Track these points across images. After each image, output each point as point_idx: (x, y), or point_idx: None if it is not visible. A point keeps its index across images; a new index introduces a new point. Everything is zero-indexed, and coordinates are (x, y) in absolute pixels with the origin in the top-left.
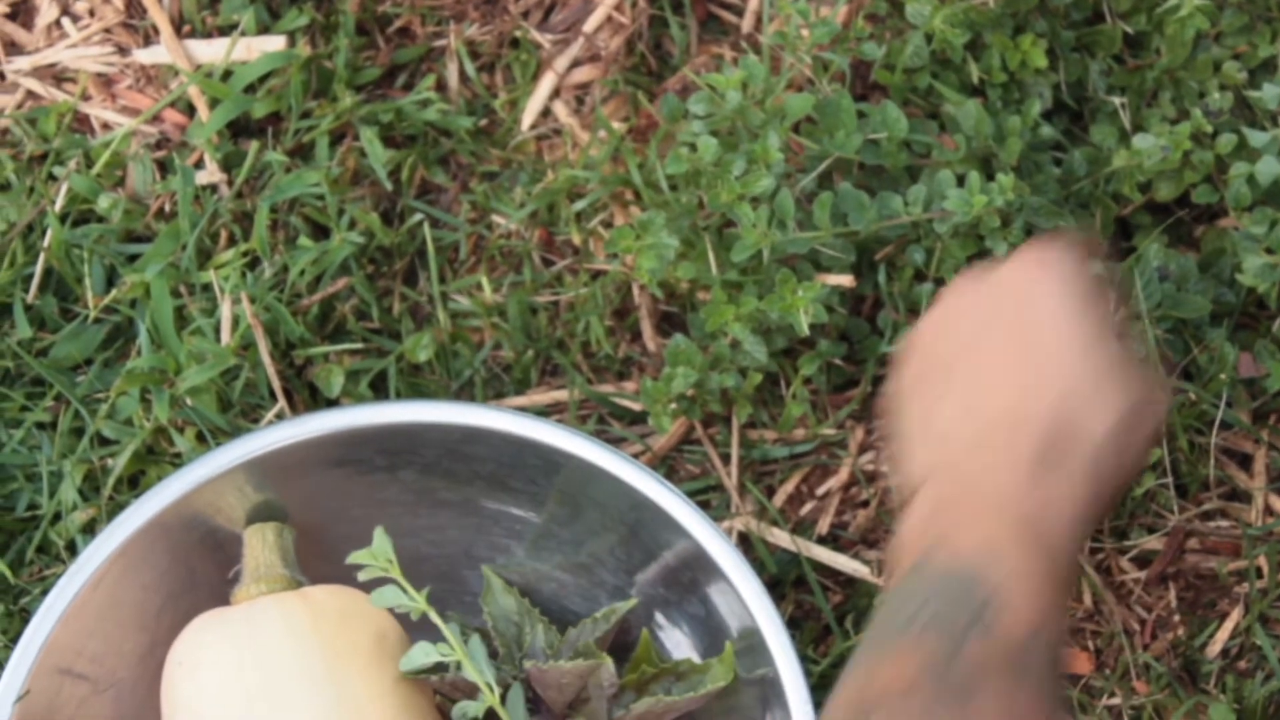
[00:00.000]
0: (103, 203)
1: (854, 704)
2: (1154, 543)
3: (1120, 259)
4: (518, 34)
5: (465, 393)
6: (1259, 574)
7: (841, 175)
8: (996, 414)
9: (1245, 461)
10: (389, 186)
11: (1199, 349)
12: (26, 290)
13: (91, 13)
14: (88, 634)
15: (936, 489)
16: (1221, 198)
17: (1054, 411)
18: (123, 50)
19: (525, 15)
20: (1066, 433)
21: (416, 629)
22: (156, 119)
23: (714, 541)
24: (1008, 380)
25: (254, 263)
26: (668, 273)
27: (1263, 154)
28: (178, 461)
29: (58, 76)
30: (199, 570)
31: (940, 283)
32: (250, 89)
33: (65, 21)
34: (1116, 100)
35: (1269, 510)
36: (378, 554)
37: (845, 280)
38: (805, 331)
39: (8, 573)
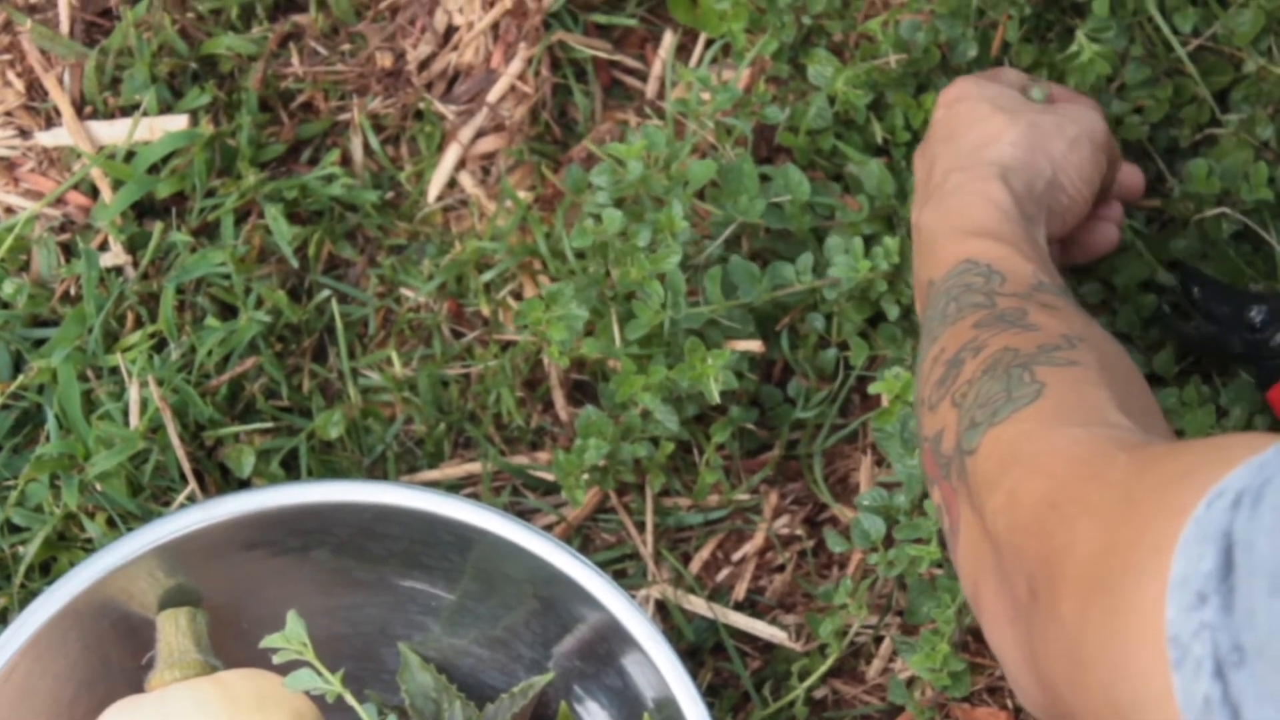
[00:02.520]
0: (7, 288)
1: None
2: None
3: None
4: (421, 106)
5: (378, 468)
6: None
7: (749, 240)
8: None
9: None
10: (295, 263)
11: None
12: None
13: None
14: None
15: (926, 229)
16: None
17: (1009, 152)
18: (24, 133)
19: (429, 87)
20: (1021, 164)
21: (334, 709)
22: (60, 202)
23: (628, 613)
24: (971, 142)
25: (161, 344)
26: (575, 348)
27: None
28: (89, 547)
29: None
30: (112, 657)
31: (844, 347)
32: (154, 169)
33: None
34: None
35: None
36: (291, 637)
37: (754, 346)
38: (716, 399)
39: None
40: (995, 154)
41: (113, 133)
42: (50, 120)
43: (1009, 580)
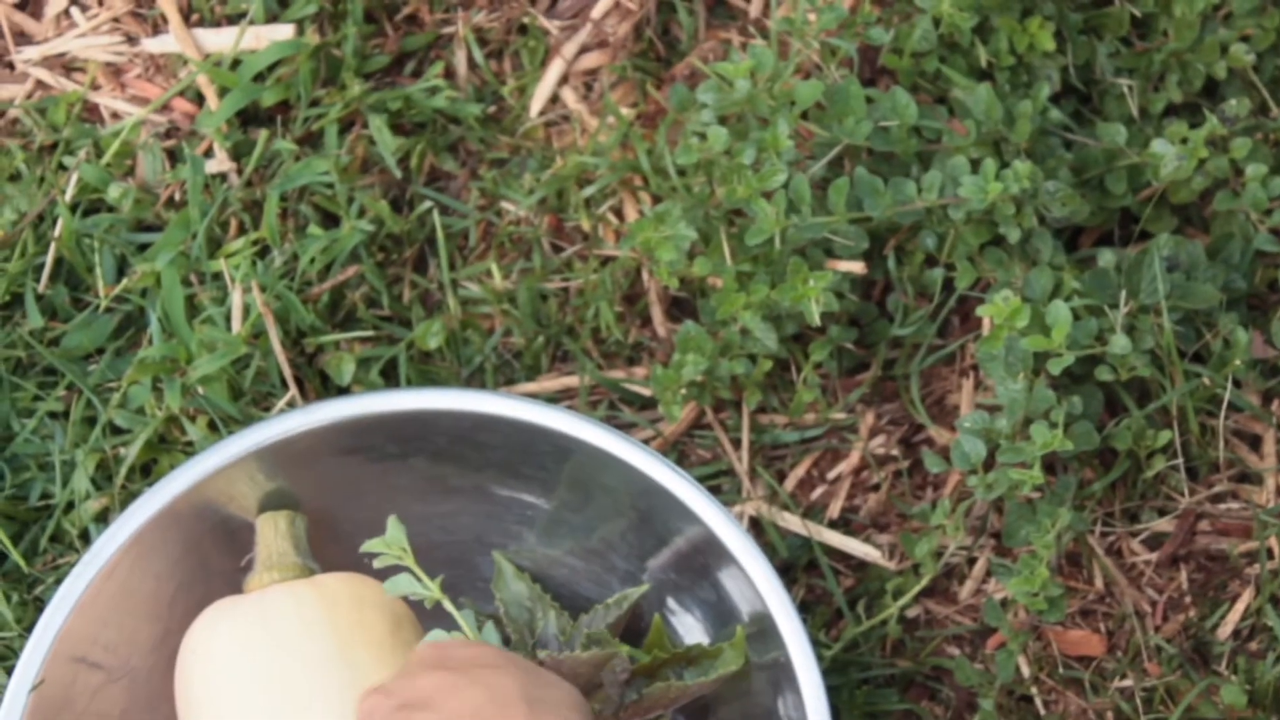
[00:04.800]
0: (113, 192)
1: None
2: (1165, 525)
3: (1126, 245)
4: (526, 20)
5: (476, 379)
6: (1270, 555)
7: (852, 161)
8: None
9: (1256, 443)
10: (398, 174)
11: (1211, 334)
12: (38, 280)
13: (100, 2)
14: (102, 623)
15: None
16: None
17: None
18: (131, 39)
19: (533, 2)
20: None
21: (430, 615)
22: (166, 108)
23: (725, 526)
24: None
25: (264, 251)
26: (684, 267)
27: None
28: (190, 450)
29: (67, 66)
30: (212, 559)
31: (951, 268)
32: (259, 77)
33: (74, 11)
34: (1125, 83)
35: None
36: (391, 543)
37: (856, 267)
38: (816, 321)
39: (22, 562)
40: None
41: (219, 41)
42: (157, 27)
43: None
